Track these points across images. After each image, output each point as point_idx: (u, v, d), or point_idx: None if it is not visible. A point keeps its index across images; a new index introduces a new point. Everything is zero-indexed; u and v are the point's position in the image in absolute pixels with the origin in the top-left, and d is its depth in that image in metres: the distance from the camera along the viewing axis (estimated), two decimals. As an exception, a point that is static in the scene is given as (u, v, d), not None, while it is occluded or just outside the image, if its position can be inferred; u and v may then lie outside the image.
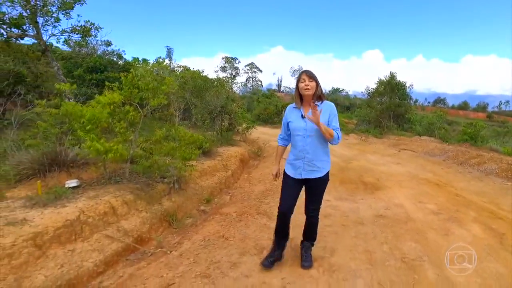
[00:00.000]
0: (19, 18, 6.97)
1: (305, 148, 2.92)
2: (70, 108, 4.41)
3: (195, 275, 3.01)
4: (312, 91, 2.85)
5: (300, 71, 2.93)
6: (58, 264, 3.13)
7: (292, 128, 3.00)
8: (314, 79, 2.85)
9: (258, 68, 66.97)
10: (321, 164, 2.97)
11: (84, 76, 12.17)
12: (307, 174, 2.98)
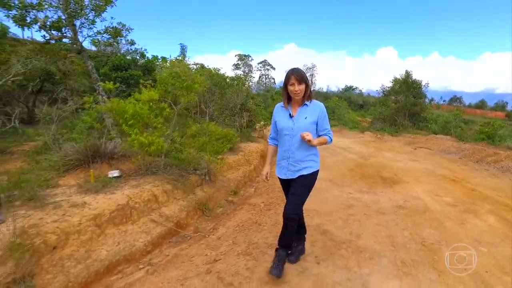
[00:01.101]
0: (59, 21, 7.47)
1: (290, 148, 2.88)
2: (115, 104, 4.84)
3: (237, 253, 3.40)
4: (301, 94, 2.78)
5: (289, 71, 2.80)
6: (115, 242, 3.57)
7: (280, 127, 2.95)
8: (303, 81, 2.75)
9: (271, 65, 67.04)
10: (307, 164, 2.90)
11: (110, 74, 12.72)
12: (292, 174, 2.94)
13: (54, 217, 3.40)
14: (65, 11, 7.19)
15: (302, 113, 2.84)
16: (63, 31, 7.64)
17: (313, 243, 3.61)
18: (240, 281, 2.87)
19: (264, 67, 66.87)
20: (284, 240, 3.01)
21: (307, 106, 2.84)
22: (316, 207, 4.89)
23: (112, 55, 13.48)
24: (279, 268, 2.88)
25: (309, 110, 2.83)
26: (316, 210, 4.76)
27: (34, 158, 6.35)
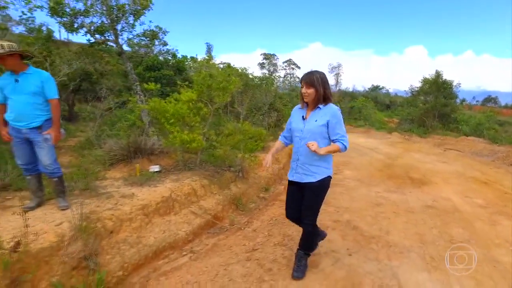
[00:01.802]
0: (102, 26, 7.99)
1: (299, 150, 2.90)
2: (156, 104, 5.21)
3: (273, 244, 3.66)
4: (310, 97, 2.80)
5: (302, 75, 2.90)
6: (161, 230, 3.91)
7: (293, 128, 3.01)
8: (312, 85, 2.77)
9: (296, 64, 66.78)
10: (315, 169, 2.86)
11: (144, 74, 13.31)
12: (299, 177, 2.92)
13: (108, 205, 3.79)
14: (109, 17, 7.69)
15: (313, 116, 2.86)
16: (106, 35, 8.14)
17: (345, 237, 3.82)
18: (279, 267, 3.13)
19: (289, 66, 66.75)
20: (303, 242, 3.16)
21: (319, 109, 2.84)
22: (346, 204, 5.07)
23: (145, 56, 14.06)
24: (299, 270, 3.05)
25: (321, 113, 2.83)
26: (345, 207, 4.94)
27: (80, 153, 6.87)
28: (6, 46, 3.22)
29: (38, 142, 3.45)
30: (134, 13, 8.40)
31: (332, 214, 4.62)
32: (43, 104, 3.47)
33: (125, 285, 3.22)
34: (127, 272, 3.35)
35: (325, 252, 3.45)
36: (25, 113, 3.38)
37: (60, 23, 7.66)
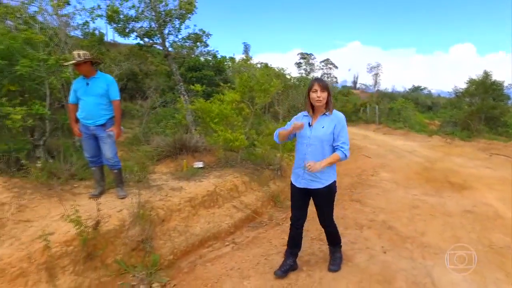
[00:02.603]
0: (150, 30, 8.57)
1: (305, 156, 2.86)
2: (202, 104, 5.57)
3: (311, 238, 3.87)
4: (323, 102, 2.78)
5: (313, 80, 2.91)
6: (206, 221, 4.25)
7: (298, 135, 2.98)
8: (326, 89, 2.77)
9: (334, 64, 65.79)
10: (321, 175, 2.86)
11: (186, 74, 13.92)
12: (307, 183, 2.93)
13: (159, 196, 4.18)
14: (157, 22, 8.22)
15: (320, 122, 2.84)
16: (154, 38, 8.71)
17: (380, 236, 3.93)
18: (316, 260, 3.33)
19: (327, 66, 65.93)
20: (331, 240, 3.26)
21: (326, 116, 2.83)
22: (382, 205, 5.13)
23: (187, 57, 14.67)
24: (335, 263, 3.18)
25: (328, 120, 2.81)
26: (381, 208, 5.01)
27: (129, 148, 7.43)
28: (82, 54, 3.69)
29: (102, 137, 3.89)
30: (179, 17, 8.89)
31: (368, 214, 4.73)
32: (107, 105, 3.91)
33: (175, 268, 3.57)
34: (177, 257, 3.72)
35: (360, 248, 3.59)
36: (93, 112, 3.83)
37: (115, 28, 8.31)
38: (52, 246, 2.88)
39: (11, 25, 5.28)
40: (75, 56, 3.70)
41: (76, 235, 3.02)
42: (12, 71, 4.52)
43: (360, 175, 7.37)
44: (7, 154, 4.58)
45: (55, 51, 5.57)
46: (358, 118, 23.33)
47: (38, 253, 2.81)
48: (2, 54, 4.32)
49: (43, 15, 6.03)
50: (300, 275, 3.07)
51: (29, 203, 3.52)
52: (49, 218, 3.32)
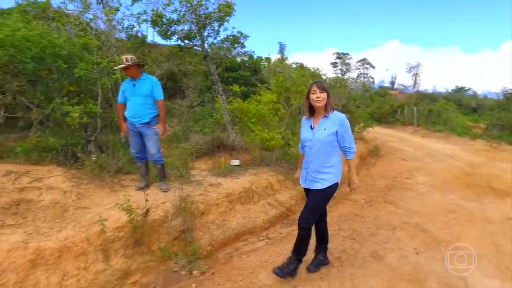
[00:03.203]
0: (190, 32, 8.97)
1: (309, 158, 2.95)
2: (240, 105, 5.81)
3: (343, 237, 3.97)
4: (323, 102, 2.80)
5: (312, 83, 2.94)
6: (242, 216, 4.47)
7: (302, 138, 3.06)
8: (325, 90, 2.81)
9: (371, 64, 64.06)
10: (324, 176, 2.91)
11: (223, 74, 14.28)
12: (309, 184, 3.01)
13: (199, 191, 4.46)
14: (197, 24, 8.59)
15: (322, 124, 2.88)
16: (194, 40, 9.10)
17: (412, 238, 3.95)
18: (347, 257, 3.44)
19: (363, 66, 64.40)
20: (296, 246, 3.12)
21: (327, 118, 2.86)
22: (416, 208, 5.10)
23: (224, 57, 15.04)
24: (283, 270, 3.02)
25: (329, 122, 2.85)
26: (415, 211, 4.98)
27: (169, 145, 7.84)
28: (130, 59, 4.03)
29: (147, 135, 4.22)
30: (218, 19, 9.22)
31: (402, 216, 4.73)
32: (152, 104, 4.22)
33: (213, 258, 3.81)
34: (214, 248, 3.97)
35: (392, 248, 3.65)
36: (139, 111, 4.16)
37: (158, 31, 8.79)
38: (107, 231, 3.22)
39: (71, 31, 5.79)
40: (123, 60, 4.05)
41: (127, 222, 3.35)
42: (71, 73, 4.99)
43: (395, 177, 7.29)
44: (65, 148, 5.07)
45: (107, 54, 6.03)
46: (395, 120, 22.70)
47: (95, 236, 3.16)
48: (65, 59, 4.78)
49: (96, 22, 6.54)
50: (331, 270, 3.20)
51: (86, 192, 3.92)
52: (102, 206, 3.69)
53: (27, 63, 4.34)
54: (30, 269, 2.69)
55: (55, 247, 2.91)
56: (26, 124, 6.04)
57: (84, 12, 6.44)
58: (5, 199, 3.28)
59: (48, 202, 3.51)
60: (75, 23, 5.95)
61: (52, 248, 2.90)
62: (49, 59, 4.75)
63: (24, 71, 4.49)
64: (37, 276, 2.69)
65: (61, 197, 3.65)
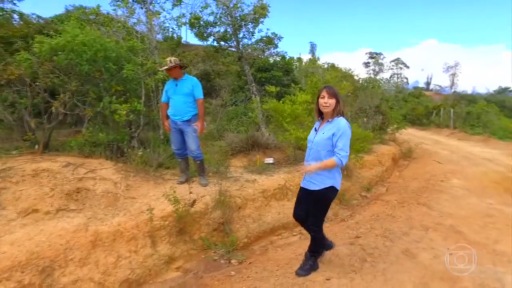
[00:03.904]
0: (226, 34, 9.27)
1: (307, 159, 3.04)
2: (275, 105, 5.99)
3: (375, 234, 4.06)
4: (330, 108, 2.84)
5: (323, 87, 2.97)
6: (277, 212, 4.66)
7: (308, 139, 3.15)
8: (334, 96, 2.83)
9: (405, 63, 62.19)
10: (319, 178, 2.93)
11: (255, 75, 14.53)
12: (306, 184, 3.06)
13: (236, 187, 4.69)
14: (233, 26, 8.88)
15: (324, 128, 2.94)
16: (229, 42, 9.40)
17: (446, 239, 3.96)
18: (380, 253, 3.53)
19: (397, 66, 62.64)
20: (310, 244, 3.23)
21: (329, 123, 2.90)
22: (450, 211, 5.07)
23: (257, 58, 15.27)
24: (303, 268, 3.18)
25: (329, 127, 2.88)
26: (449, 213, 4.95)
27: (205, 143, 8.16)
28: (173, 61, 4.34)
29: (187, 132, 4.50)
30: (253, 21, 9.46)
31: (435, 217, 4.72)
32: (192, 103, 4.50)
33: (249, 250, 4.04)
34: (250, 240, 4.19)
35: (424, 247, 3.69)
36: (180, 109, 4.45)
37: (195, 33, 9.16)
38: (154, 219, 3.51)
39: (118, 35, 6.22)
40: (168, 62, 4.36)
41: (172, 212, 3.64)
42: (119, 74, 5.39)
43: (429, 180, 7.20)
44: (111, 143, 5.48)
45: (150, 56, 6.42)
46: (430, 122, 21.99)
47: (143, 224, 3.47)
48: (113, 61, 5.18)
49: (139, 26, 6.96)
50: (364, 265, 3.32)
51: (133, 183, 4.26)
52: (148, 197, 4.01)
53: (83, 66, 4.76)
54: (91, 248, 3.02)
55: (110, 231, 3.23)
56: (73, 121, 6.58)
57: (129, 17, 6.87)
58: (68, 187, 3.66)
59: (102, 191, 3.86)
60: (122, 27, 6.37)
61: (108, 232, 3.22)
62: (100, 61, 5.15)
63: (80, 73, 4.91)
64: (97, 255, 3.02)
65: (112, 188, 4.00)
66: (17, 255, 2.63)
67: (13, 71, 4.28)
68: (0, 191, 3.34)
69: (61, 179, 3.81)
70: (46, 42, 4.72)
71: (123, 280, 3.03)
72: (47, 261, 2.74)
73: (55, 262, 2.78)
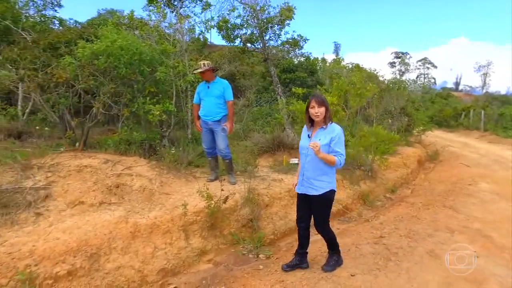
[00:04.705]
0: (252, 36, 9.48)
1: (304, 165, 3.11)
2: (300, 106, 6.12)
3: (399, 235, 4.13)
4: (321, 116, 2.93)
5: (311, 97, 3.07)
6: (302, 210, 4.79)
7: (299, 145, 3.22)
8: (323, 104, 2.93)
9: (432, 63, 60.43)
10: (318, 183, 3.03)
11: (280, 75, 14.66)
12: (305, 190, 3.13)
13: (263, 186, 4.86)
14: (259, 29, 9.07)
15: (318, 135, 3.01)
16: (255, 44, 9.61)
17: (472, 242, 3.97)
18: (404, 253, 3.61)
19: (424, 66, 60.99)
20: (327, 245, 3.37)
21: (323, 129, 2.98)
22: (478, 214, 5.03)
23: (282, 59, 15.39)
24: (329, 264, 3.31)
25: (325, 133, 2.97)
26: (476, 217, 4.93)
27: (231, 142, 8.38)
28: (206, 64, 4.56)
29: (217, 131, 4.71)
30: (279, 23, 9.62)
31: (462, 220, 4.72)
32: (223, 104, 4.70)
33: (275, 246, 4.20)
34: (277, 237, 4.35)
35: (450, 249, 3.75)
36: (211, 110, 4.66)
37: (222, 36, 9.42)
38: (187, 214, 3.74)
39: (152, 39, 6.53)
40: (201, 65, 4.60)
41: (204, 207, 3.85)
42: (152, 76, 5.68)
43: (456, 183, 7.12)
44: (144, 142, 5.78)
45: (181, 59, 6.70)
46: (458, 124, 21.36)
47: (178, 218, 3.70)
48: (148, 63, 5.47)
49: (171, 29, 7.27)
50: (388, 263, 3.41)
51: (166, 180, 4.51)
52: (181, 193, 4.25)
53: (121, 69, 5.07)
54: (131, 239, 3.27)
55: (147, 224, 3.48)
56: (106, 120, 6.97)
57: (161, 21, 7.19)
58: (108, 182, 3.95)
59: (138, 187, 4.13)
60: (155, 31, 6.68)
61: (145, 224, 3.46)
62: (136, 64, 5.46)
63: (117, 75, 5.23)
64: (136, 245, 3.27)
65: (148, 184, 4.26)
66: (69, 242, 2.91)
67: (61, 74, 4.63)
68: (51, 184, 3.66)
69: (101, 174, 4.10)
70: (88, 47, 5.06)
71: (160, 269, 3.26)
72: (94, 248, 3.00)
73: (100, 250, 3.04)
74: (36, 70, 4.97)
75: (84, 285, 2.78)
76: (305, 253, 3.43)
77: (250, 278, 3.24)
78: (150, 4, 7.94)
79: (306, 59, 17.02)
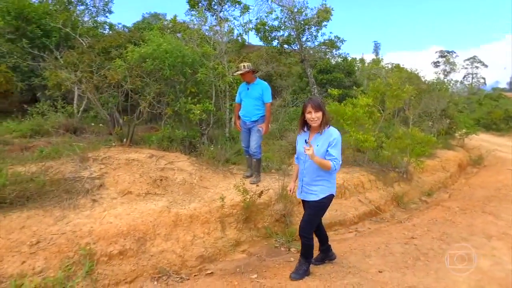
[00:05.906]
0: (289, 37, 9.66)
1: (303, 171, 3.10)
2: (337, 107, 6.22)
3: (431, 237, 4.13)
4: (318, 122, 2.88)
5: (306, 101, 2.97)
6: (334, 209, 4.92)
7: (297, 151, 3.19)
8: (320, 108, 2.86)
9: (482, 62, 56.91)
10: (317, 188, 3.02)
11: (317, 76, 14.68)
12: (304, 195, 3.14)
13: (296, 183, 5.02)
14: (296, 30, 9.22)
15: (315, 140, 2.96)
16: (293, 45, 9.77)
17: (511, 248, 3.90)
18: (434, 254, 3.63)
19: (472, 65, 57.65)
20: (302, 251, 3.25)
21: (320, 135, 2.94)
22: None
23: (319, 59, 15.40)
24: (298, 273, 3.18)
25: (323, 138, 2.92)
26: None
27: (267, 142, 8.61)
28: (246, 66, 4.79)
29: (253, 131, 4.92)
30: (316, 24, 9.71)
31: (501, 227, 4.60)
32: (261, 105, 4.90)
33: (306, 242, 4.35)
34: (308, 233, 4.50)
35: (484, 254, 3.69)
36: (249, 111, 4.88)
37: (260, 37, 9.68)
38: (224, 207, 4.01)
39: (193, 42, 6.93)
40: (241, 67, 4.82)
41: (240, 202, 4.11)
42: (193, 77, 6.04)
43: (499, 189, 6.85)
44: (184, 139, 6.16)
45: (220, 60, 7.04)
46: (509, 128, 20.06)
47: (215, 210, 3.98)
48: (190, 65, 5.84)
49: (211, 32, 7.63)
50: (417, 263, 3.47)
51: (205, 175, 4.83)
52: (219, 188, 4.53)
53: (165, 70, 5.46)
54: (173, 227, 3.59)
55: (187, 214, 3.78)
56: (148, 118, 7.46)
57: (202, 25, 7.57)
58: (153, 175, 4.32)
59: (180, 180, 4.46)
60: (196, 34, 7.06)
61: (186, 214, 3.77)
62: (178, 66, 5.84)
63: (162, 77, 5.63)
64: (178, 233, 3.59)
65: (188, 178, 4.59)
66: (120, 226, 3.28)
67: (113, 76, 5.10)
68: (104, 174, 4.09)
69: (147, 168, 4.48)
70: (136, 50, 5.51)
71: (198, 256, 3.55)
72: (140, 233, 3.35)
73: (146, 235, 3.38)
74: (92, 73, 5.48)
75: (133, 264, 3.13)
76: (328, 247, 3.52)
77: (281, 268, 3.43)
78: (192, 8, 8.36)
79: (344, 59, 16.87)
